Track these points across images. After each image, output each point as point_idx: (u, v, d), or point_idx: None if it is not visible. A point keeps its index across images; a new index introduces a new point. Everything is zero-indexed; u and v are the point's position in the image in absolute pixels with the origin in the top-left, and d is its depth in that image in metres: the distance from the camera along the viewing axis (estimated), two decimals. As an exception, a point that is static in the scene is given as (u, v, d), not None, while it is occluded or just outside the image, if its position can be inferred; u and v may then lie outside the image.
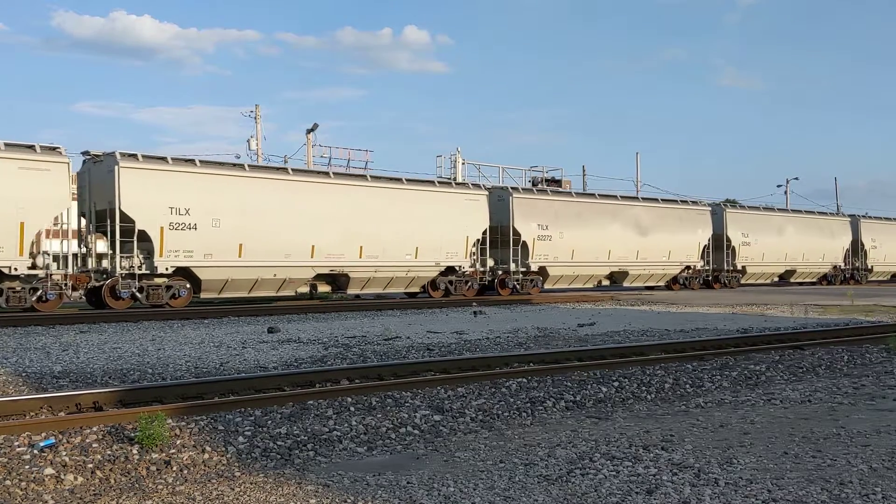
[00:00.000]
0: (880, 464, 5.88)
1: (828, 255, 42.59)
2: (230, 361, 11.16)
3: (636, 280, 33.76)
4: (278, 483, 5.53)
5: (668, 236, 33.86)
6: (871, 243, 45.59)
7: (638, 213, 33.45)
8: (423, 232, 26.18)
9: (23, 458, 5.91)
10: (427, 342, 13.54)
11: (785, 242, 39.57)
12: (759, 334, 14.40)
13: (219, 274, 22.18)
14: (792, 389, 9.33)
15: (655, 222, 33.70)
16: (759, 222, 38.91)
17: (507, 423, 7.61)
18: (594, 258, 31.44)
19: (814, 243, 41.23)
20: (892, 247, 47.32)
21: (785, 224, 40.34)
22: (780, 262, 39.79)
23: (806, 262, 41.23)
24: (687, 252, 34.88)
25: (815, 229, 41.67)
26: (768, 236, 38.55)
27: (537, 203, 29.93)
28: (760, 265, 38.54)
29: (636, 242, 32.87)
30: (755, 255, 38.01)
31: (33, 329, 16.00)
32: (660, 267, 34.14)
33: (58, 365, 10.80)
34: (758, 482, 5.41)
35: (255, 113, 40.35)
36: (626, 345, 12.83)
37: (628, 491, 5.25)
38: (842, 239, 43.72)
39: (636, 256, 32.71)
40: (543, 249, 29.93)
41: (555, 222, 30.08)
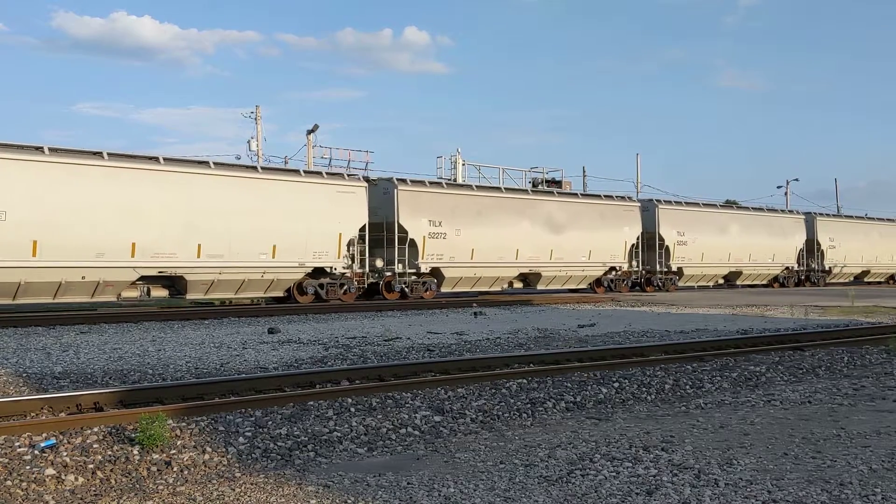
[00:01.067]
0: (880, 465, 5.89)
1: (779, 256, 39.51)
2: (230, 362, 11.17)
3: (552, 282, 30.13)
4: (279, 484, 5.54)
5: (588, 234, 30.71)
6: (828, 243, 42.39)
7: (551, 209, 29.84)
8: (282, 228, 22.80)
9: (24, 459, 5.91)
10: (427, 343, 13.54)
11: (728, 242, 36.62)
12: (759, 335, 14.39)
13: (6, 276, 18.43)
14: (792, 390, 9.34)
15: (572, 220, 30.28)
16: (697, 220, 35.84)
17: (507, 424, 7.61)
18: (498, 258, 27.70)
19: (762, 243, 38.22)
20: (853, 247, 43.88)
21: (728, 222, 37.37)
22: (722, 262, 36.76)
23: (753, 262, 38.27)
24: (611, 252, 31.81)
25: (763, 227, 38.57)
26: (708, 235, 35.63)
27: (428, 197, 26.35)
28: (700, 266, 35.75)
29: (549, 241, 29.27)
30: (693, 255, 35.07)
31: (34, 330, 16.00)
32: (578, 268, 30.79)
33: (58, 365, 10.81)
34: (758, 483, 5.42)
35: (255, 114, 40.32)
36: (627, 346, 12.84)
37: (628, 492, 5.26)
38: (795, 238, 40.46)
39: (550, 256, 29.17)
40: (437, 248, 26.40)
41: (450, 219, 26.50)
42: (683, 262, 34.92)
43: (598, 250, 31.47)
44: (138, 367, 10.67)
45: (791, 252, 40.29)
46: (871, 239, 45.36)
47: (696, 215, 36.08)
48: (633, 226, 33.06)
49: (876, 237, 45.75)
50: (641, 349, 12.21)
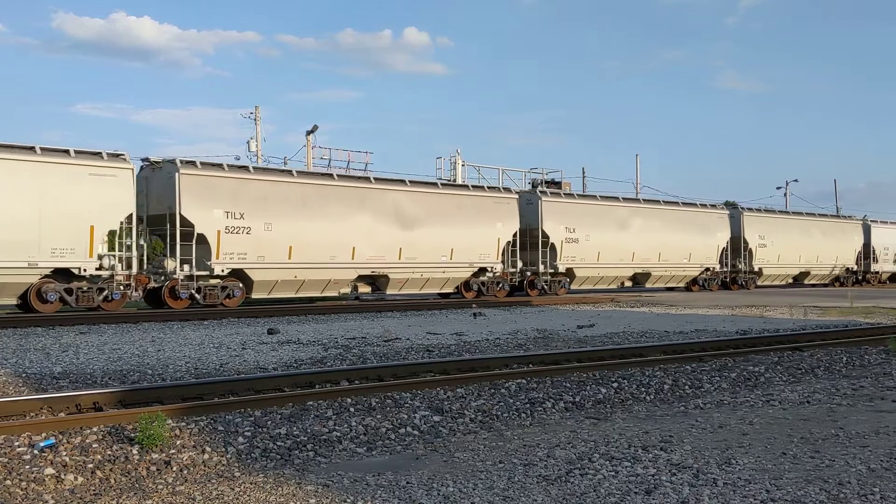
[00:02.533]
0: (879, 464, 5.90)
1: (697, 255, 35.51)
2: (230, 362, 11.17)
3: (405, 286, 26.71)
4: (278, 483, 5.55)
5: (449, 230, 26.84)
6: (757, 241, 38.13)
7: (400, 200, 26.06)
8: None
9: (23, 459, 5.92)
10: (427, 343, 13.55)
11: (632, 239, 32.81)
12: (758, 336, 14.40)
13: None
14: (791, 391, 9.35)
15: (429, 213, 26.74)
16: (591, 214, 31.59)
17: (506, 424, 7.62)
18: (330, 258, 24.66)
19: (676, 240, 34.28)
20: (788, 245, 39.67)
21: (631, 217, 33.26)
22: (624, 263, 32.81)
23: (663, 263, 34.12)
24: (480, 251, 27.77)
25: (676, 223, 34.68)
26: (605, 231, 31.68)
27: (224, 183, 23.45)
28: (595, 267, 31.55)
29: (397, 238, 25.74)
30: (586, 254, 30.95)
31: (33, 330, 16.00)
32: (437, 270, 26.94)
33: (58, 366, 10.81)
34: (756, 482, 5.43)
35: (254, 114, 40.37)
36: (626, 346, 12.84)
37: (627, 491, 5.27)
38: (717, 236, 36.50)
39: (399, 256, 25.83)
40: (237, 246, 23.87)
41: (258, 210, 23.22)
42: (574, 262, 30.73)
43: (462, 249, 27.14)
44: (138, 367, 10.68)
45: (712, 251, 36.31)
46: (810, 237, 41.31)
47: (589, 209, 31.78)
48: (509, 221, 28.69)
49: (817, 235, 41.80)
50: (640, 349, 12.22)
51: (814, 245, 41.28)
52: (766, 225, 39.12)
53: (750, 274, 38.13)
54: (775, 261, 39.17)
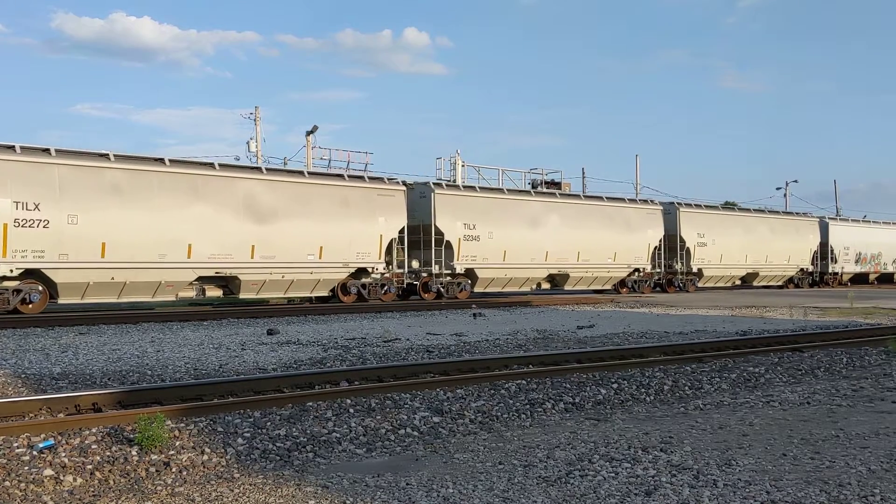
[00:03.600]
0: (879, 466, 5.89)
1: (624, 255, 32.52)
2: (229, 363, 11.16)
3: (263, 288, 23.29)
4: (277, 484, 5.54)
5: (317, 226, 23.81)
6: (697, 239, 35.46)
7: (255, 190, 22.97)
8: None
9: (22, 459, 5.91)
10: (426, 344, 13.54)
11: (545, 237, 29.48)
12: (758, 336, 14.40)
13: None
14: (791, 391, 9.34)
15: (292, 206, 23.64)
16: (495, 209, 28.26)
17: (506, 425, 7.61)
18: (159, 256, 21.13)
19: (600, 239, 31.40)
20: (731, 244, 36.96)
21: (545, 213, 29.89)
22: (536, 263, 29.27)
23: (584, 263, 30.98)
24: (358, 249, 24.78)
25: (599, 220, 31.75)
26: (514, 229, 28.56)
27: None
28: (500, 267, 28.29)
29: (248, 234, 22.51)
30: (491, 253, 27.77)
31: (32, 330, 15.99)
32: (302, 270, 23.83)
33: (57, 366, 10.80)
34: (756, 484, 5.42)
35: (254, 115, 40.36)
36: (626, 347, 12.83)
37: (627, 492, 5.26)
38: (647, 233, 33.59)
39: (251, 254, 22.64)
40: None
41: (60, 201, 19.70)
42: (475, 262, 27.60)
43: (335, 247, 24.07)
44: (137, 367, 10.67)
45: (642, 250, 33.42)
46: (758, 235, 38.48)
47: (493, 203, 28.42)
48: (394, 216, 25.58)
49: (766, 233, 38.97)
50: (640, 350, 12.21)
51: (762, 244, 38.69)
52: (705, 222, 36.38)
53: (689, 275, 35.52)
54: (717, 261, 36.44)
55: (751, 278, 39.14)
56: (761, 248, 38.56)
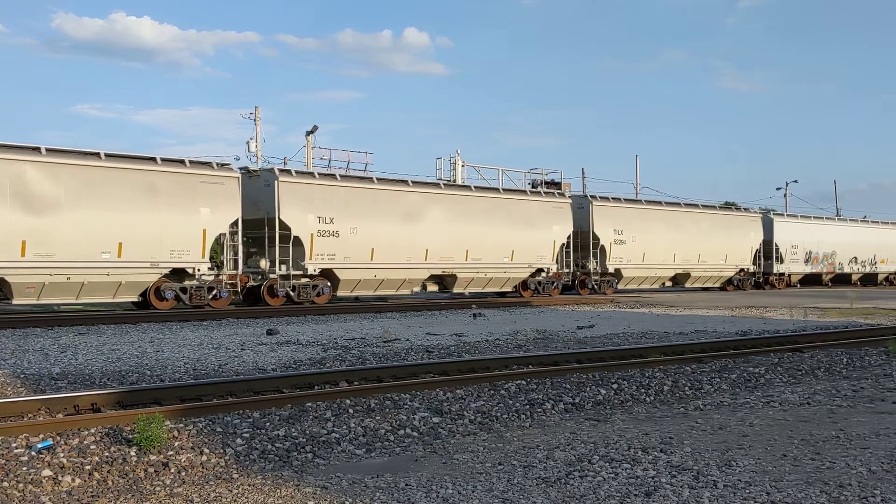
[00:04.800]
0: (879, 466, 5.87)
1: (523, 254, 28.67)
2: (229, 363, 11.15)
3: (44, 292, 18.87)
4: (276, 485, 5.52)
5: (117, 217, 19.96)
6: (613, 236, 31.57)
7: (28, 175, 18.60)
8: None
9: (20, 460, 5.90)
10: (426, 344, 13.53)
11: (426, 234, 25.89)
12: (759, 337, 14.39)
13: None
14: (791, 392, 9.32)
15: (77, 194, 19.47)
16: (357, 200, 24.39)
17: (505, 426, 7.60)
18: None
19: (489, 235, 27.48)
20: (655, 242, 33.06)
21: (425, 206, 26.06)
22: (413, 262, 25.55)
23: (473, 262, 27.19)
24: (172, 247, 20.96)
25: (494, 214, 27.87)
26: (382, 224, 24.74)
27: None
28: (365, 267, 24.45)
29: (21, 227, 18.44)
30: (353, 251, 24.01)
31: (32, 331, 15.98)
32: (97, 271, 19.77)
33: (56, 366, 10.79)
34: (756, 484, 5.40)
35: (254, 115, 40.34)
36: (625, 347, 12.82)
37: (627, 493, 5.24)
38: (553, 230, 29.75)
39: (22, 253, 18.50)
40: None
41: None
42: (333, 262, 23.75)
43: (137, 243, 20.22)
44: (136, 368, 10.65)
45: (546, 248, 29.50)
46: (690, 232, 34.69)
47: (355, 194, 24.52)
48: (221, 208, 21.83)
49: (698, 230, 35.26)
50: (640, 350, 12.19)
51: (694, 242, 34.90)
52: (624, 217, 32.44)
53: (605, 276, 31.87)
54: (638, 260, 32.68)
55: (683, 279, 35.45)
56: (693, 246, 34.88)
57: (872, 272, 46.08)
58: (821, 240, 42.20)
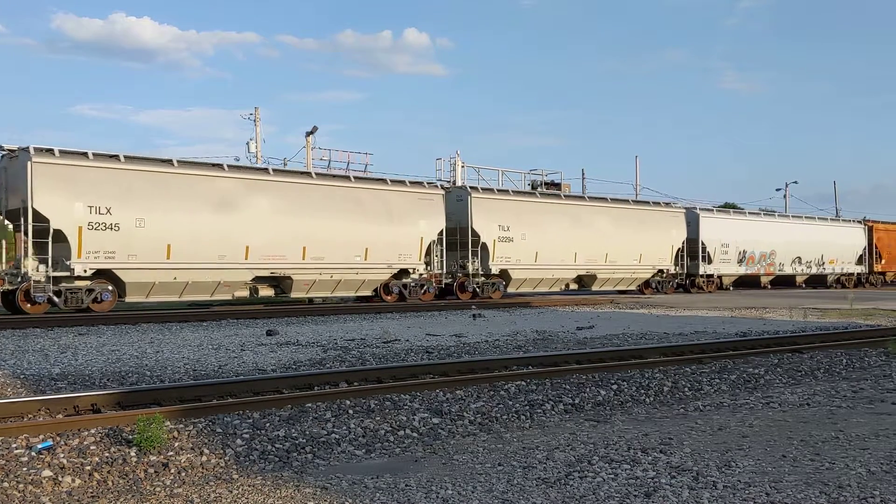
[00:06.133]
0: (879, 467, 5.88)
1: (380, 252, 24.91)
2: (228, 364, 11.15)
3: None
4: (276, 486, 5.52)
5: None
6: (497, 233, 27.60)
7: None
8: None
9: (20, 461, 5.90)
10: (426, 345, 13.53)
11: (249, 228, 22.17)
12: (758, 338, 14.39)
13: None
14: (790, 393, 9.33)
15: None
16: (149, 186, 20.62)
17: (505, 426, 7.60)
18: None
19: (341, 231, 23.98)
20: (551, 240, 29.22)
21: (248, 195, 22.29)
22: (230, 262, 21.77)
23: (318, 263, 23.55)
24: None
25: (342, 207, 24.17)
26: (184, 214, 21.01)
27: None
28: (164, 267, 20.70)
29: None
30: (142, 247, 20.35)
31: (31, 331, 15.98)
32: None
33: (56, 367, 10.79)
34: (756, 485, 5.41)
35: (254, 115, 40.35)
36: (625, 348, 12.82)
37: (626, 494, 5.25)
38: (418, 225, 25.84)
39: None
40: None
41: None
42: (113, 262, 20.05)
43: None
44: (136, 368, 10.66)
45: (411, 247, 25.72)
46: (595, 229, 30.86)
47: (139, 178, 20.62)
48: None
49: (605, 226, 31.30)
50: (640, 351, 12.19)
51: (601, 240, 31.00)
52: (511, 211, 28.36)
53: (490, 278, 27.95)
54: (530, 260, 28.62)
55: (589, 281, 31.51)
56: (599, 244, 30.95)
57: (820, 273, 42.98)
58: (757, 238, 38.63)
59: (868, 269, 45.88)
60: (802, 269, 41.74)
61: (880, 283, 46.74)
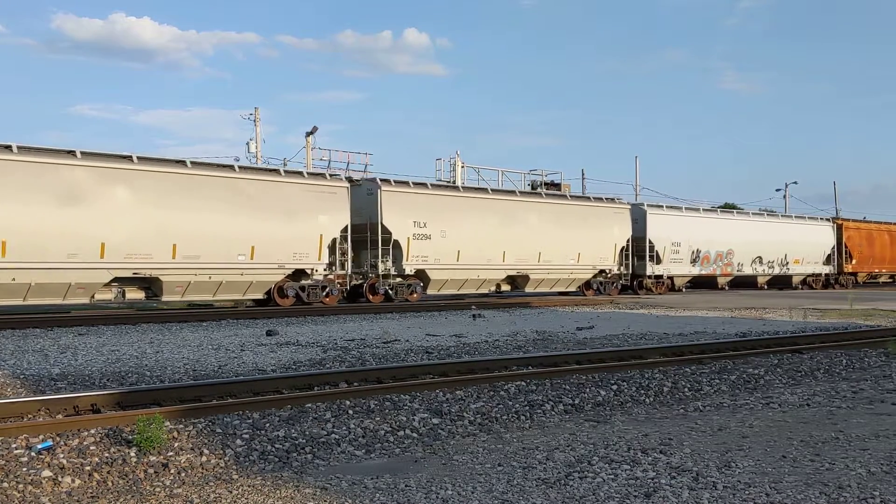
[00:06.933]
0: (879, 468, 5.88)
1: (272, 251, 22.36)
2: (228, 364, 11.15)
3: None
4: (276, 486, 5.52)
5: None
6: (413, 230, 25.06)
7: None
8: None
9: (20, 461, 5.90)
10: (426, 345, 13.53)
11: (112, 221, 19.69)
12: (758, 338, 14.39)
13: None
14: (790, 393, 9.33)
15: None
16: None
17: (505, 427, 7.60)
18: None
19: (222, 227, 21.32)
20: (478, 236, 26.63)
21: (104, 186, 19.71)
22: (58, 260, 18.74)
23: (192, 263, 20.84)
24: None
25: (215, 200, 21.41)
26: (10, 209, 18.29)
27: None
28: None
29: None
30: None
31: (31, 331, 15.98)
32: None
33: (56, 367, 10.79)
34: (756, 486, 5.41)
35: (254, 116, 40.35)
36: (625, 348, 12.81)
37: (626, 494, 5.25)
38: (318, 221, 23.29)
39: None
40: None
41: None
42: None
43: None
44: (136, 368, 10.65)
45: (309, 245, 23.08)
46: (527, 225, 28.39)
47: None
48: None
49: (538, 222, 28.75)
50: (640, 351, 12.19)
51: (533, 237, 28.47)
52: (427, 206, 25.72)
53: (406, 279, 25.44)
54: (451, 259, 25.99)
55: (522, 282, 28.99)
56: (531, 242, 28.44)
57: (784, 274, 40.16)
58: (712, 237, 35.93)
59: (837, 270, 43.00)
60: (764, 269, 38.98)
61: (851, 285, 43.26)
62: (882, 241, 46.39)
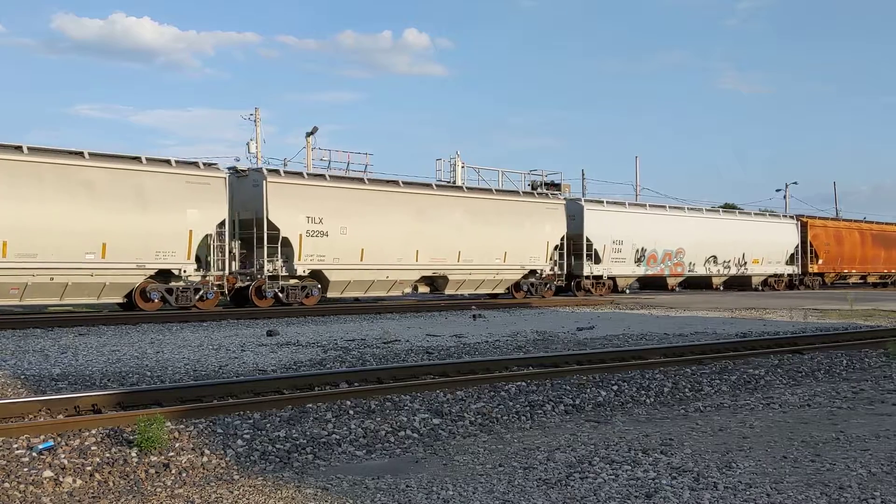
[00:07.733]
0: (879, 468, 5.88)
1: (131, 250, 19.75)
2: (229, 364, 11.15)
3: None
4: (277, 486, 5.53)
5: None
6: (307, 227, 22.76)
7: None
8: None
9: (21, 461, 5.90)
10: (426, 345, 13.53)
11: None
12: (758, 338, 14.39)
13: None
14: (791, 394, 9.33)
15: None
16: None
17: (506, 427, 7.60)
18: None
19: (63, 219, 18.76)
20: (387, 233, 24.40)
21: None
22: None
23: (30, 262, 18.31)
24: None
25: (65, 192, 18.89)
26: None
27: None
28: None
29: None
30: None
31: (32, 331, 15.98)
32: None
33: (57, 367, 10.79)
34: (757, 486, 5.41)
35: (254, 116, 40.35)
36: (625, 349, 12.82)
37: (627, 495, 5.25)
38: (185, 216, 20.73)
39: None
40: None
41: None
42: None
43: None
44: (136, 369, 10.66)
45: (178, 242, 20.54)
46: (444, 222, 25.94)
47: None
48: None
49: (460, 218, 26.44)
50: (640, 352, 12.19)
51: (453, 234, 26.15)
52: (325, 201, 23.35)
53: (302, 280, 23.16)
54: (353, 259, 23.76)
55: (441, 284, 26.60)
56: (449, 240, 26.06)
57: (742, 275, 37.91)
58: (659, 236, 33.49)
59: (802, 270, 40.69)
60: (719, 269, 36.70)
61: (817, 286, 41.35)
62: (852, 241, 43.65)
